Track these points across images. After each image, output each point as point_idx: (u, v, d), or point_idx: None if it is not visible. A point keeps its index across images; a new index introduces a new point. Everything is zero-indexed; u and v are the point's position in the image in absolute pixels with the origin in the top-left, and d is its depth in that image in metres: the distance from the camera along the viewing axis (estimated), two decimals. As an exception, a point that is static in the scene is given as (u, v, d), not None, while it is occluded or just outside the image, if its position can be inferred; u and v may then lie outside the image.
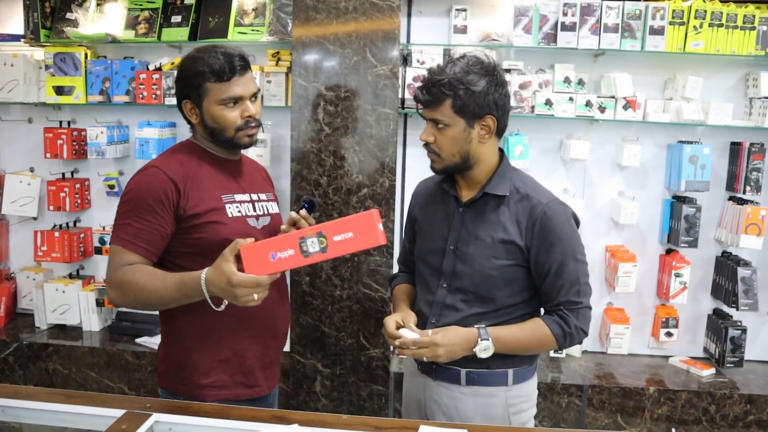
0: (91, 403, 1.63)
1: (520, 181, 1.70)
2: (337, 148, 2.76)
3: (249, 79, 1.71)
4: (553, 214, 1.64)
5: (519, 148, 2.91)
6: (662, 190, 3.05)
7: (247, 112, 1.70)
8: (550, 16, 2.85)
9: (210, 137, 1.74)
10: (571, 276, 1.64)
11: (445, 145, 1.63)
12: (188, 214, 1.65)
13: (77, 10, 3.16)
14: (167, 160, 1.72)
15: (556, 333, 1.64)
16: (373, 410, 2.85)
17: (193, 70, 1.68)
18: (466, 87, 1.57)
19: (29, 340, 3.13)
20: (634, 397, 2.77)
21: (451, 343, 1.60)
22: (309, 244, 1.43)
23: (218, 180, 1.74)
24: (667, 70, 2.96)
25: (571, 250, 1.64)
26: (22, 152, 3.41)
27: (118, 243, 1.63)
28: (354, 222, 1.43)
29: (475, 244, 1.67)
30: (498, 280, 1.66)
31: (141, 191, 1.65)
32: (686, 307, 3.05)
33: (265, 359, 1.81)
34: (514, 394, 1.71)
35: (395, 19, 2.69)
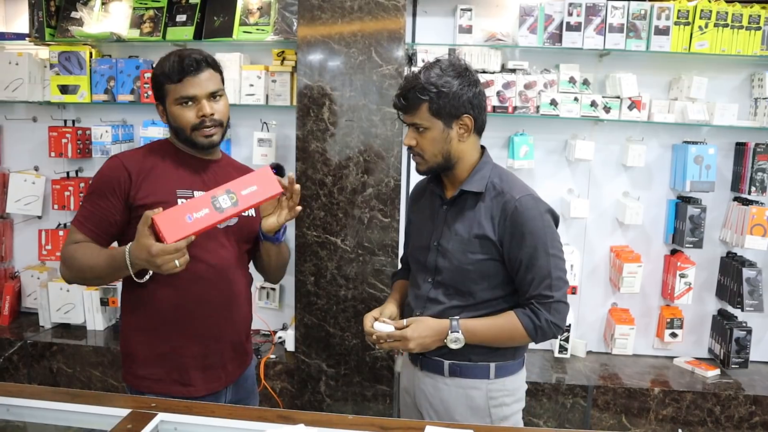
0: (96, 403, 1.63)
1: (497, 178, 1.75)
2: (342, 148, 2.76)
3: (206, 78, 1.74)
4: (524, 208, 1.68)
5: (524, 148, 2.91)
6: (667, 190, 3.05)
7: (201, 112, 1.73)
8: (555, 16, 2.85)
9: (176, 137, 1.80)
10: (542, 270, 1.67)
11: (426, 147, 1.70)
12: (137, 204, 1.70)
13: (82, 9, 3.16)
14: (132, 151, 1.82)
15: (526, 326, 1.68)
16: (377, 410, 2.85)
17: (156, 73, 1.76)
18: (440, 90, 1.65)
19: (33, 339, 3.14)
20: (639, 397, 2.76)
21: (420, 336, 1.69)
22: (221, 200, 1.57)
23: (178, 175, 1.77)
24: (673, 70, 2.95)
25: (542, 243, 1.67)
26: (27, 151, 3.41)
27: (73, 223, 1.76)
28: (255, 176, 1.64)
29: (454, 240, 1.74)
30: (474, 274, 1.72)
31: (98, 178, 1.75)
32: (691, 308, 3.04)
33: (205, 361, 1.79)
34: (495, 387, 1.75)
35: (400, 18, 2.69)
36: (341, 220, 2.79)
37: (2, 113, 3.41)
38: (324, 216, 2.80)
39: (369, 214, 2.77)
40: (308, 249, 2.82)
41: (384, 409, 2.86)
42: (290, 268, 3.01)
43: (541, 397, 2.80)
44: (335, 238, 2.80)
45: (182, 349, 1.77)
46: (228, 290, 1.81)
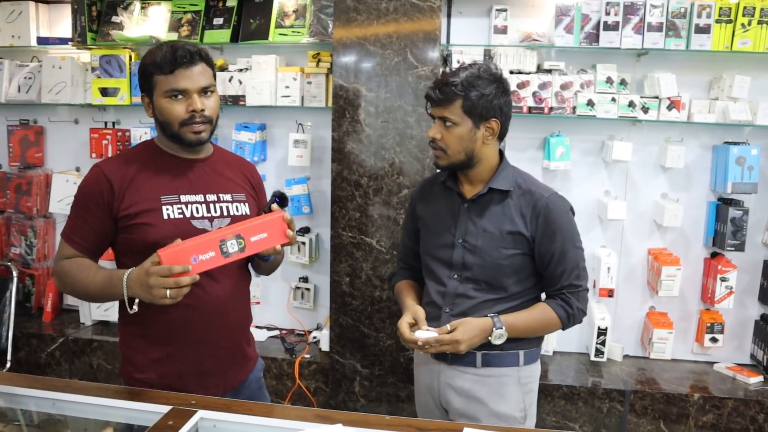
0: (137, 399, 1.66)
1: (520, 178, 1.83)
2: (377, 149, 2.77)
3: (198, 72, 1.67)
4: (554, 206, 1.78)
5: (560, 149, 2.88)
6: (707, 192, 2.98)
7: (191, 106, 1.65)
8: (592, 16, 2.81)
9: (162, 132, 1.73)
10: (572, 262, 1.79)
11: (451, 142, 1.75)
12: (121, 214, 1.66)
13: (122, 13, 3.23)
14: (114, 158, 1.77)
15: (561, 315, 1.79)
16: (411, 411, 2.84)
17: (145, 63, 1.68)
18: (477, 90, 1.71)
19: (74, 336, 3.21)
20: (677, 403, 2.71)
21: (470, 337, 1.72)
22: (229, 245, 1.55)
23: (163, 180, 1.71)
24: (713, 69, 2.89)
25: (570, 238, 1.79)
26: (69, 152, 3.50)
27: (62, 236, 1.74)
28: (268, 224, 1.62)
29: (484, 237, 1.79)
30: (507, 269, 1.79)
31: (82, 189, 1.71)
32: (732, 312, 2.97)
33: (200, 367, 1.75)
34: (524, 374, 1.84)
35: (436, 19, 2.69)
36: (376, 221, 2.80)
37: (46, 115, 3.50)
38: (359, 217, 2.81)
39: (404, 215, 2.77)
40: (343, 250, 2.84)
41: (417, 411, 2.86)
42: (325, 269, 3.05)
43: (577, 401, 2.76)
44: (370, 239, 2.81)
45: (176, 356, 1.73)
46: (222, 295, 1.75)
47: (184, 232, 1.65)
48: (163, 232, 1.65)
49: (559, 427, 2.77)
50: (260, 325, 3.37)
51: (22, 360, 3.23)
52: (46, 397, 1.69)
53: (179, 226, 1.68)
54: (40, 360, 3.23)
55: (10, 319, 3.06)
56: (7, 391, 1.70)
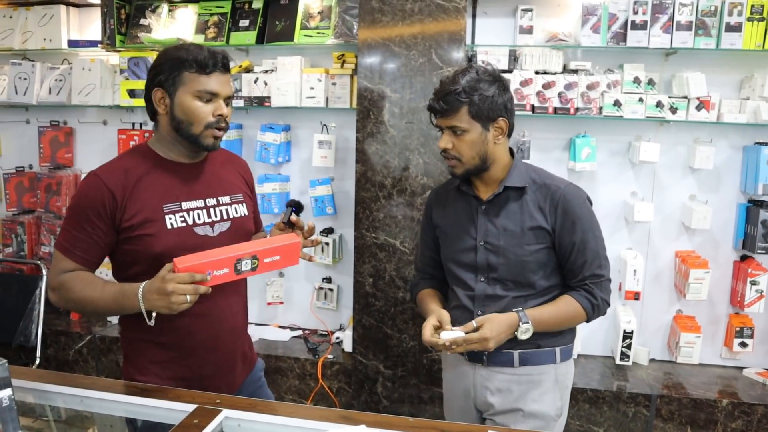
0: (164, 397, 1.68)
1: (534, 173, 1.84)
2: (401, 150, 2.77)
3: (228, 80, 1.69)
4: (572, 196, 1.78)
5: (586, 150, 2.85)
6: (737, 193, 2.93)
7: (219, 111, 1.66)
8: (620, 15, 2.78)
9: (175, 132, 1.68)
10: (592, 251, 1.78)
11: (464, 149, 1.75)
12: (124, 225, 1.63)
13: (150, 16, 3.28)
14: (111, 166, 1.68)
15: (585, 307, 1.78)
16: (434, 413, 2.84)
17: (174, 57, 1.64)
18: (480, 93, 1.71)
19: (101, 334, 3.26)
20: (705, 409, 2.67)
21: (497, 333, 1.71)
22: (243, 264, 1.57)
23: (163, 188, 1.68)
24: (744, 68, 2.84)
25: (590, 227, 1.79)
26: (97, 153, 3.55)
27: (58, 248, 1.67)
28: (283, 249, 1.64)
29: (505, 236, 1.79)
30: (533, 265, 1.78)
31: (80, 200, 1.64)
32: (763, 317, 2.91)
33: (201, 371, 1.76)
34: (561, 371, 1.84)
35: (461, 20, 2.68)
36: (400, 222, 2.80)
37: (75, 117, 3.57)
38: (383, 218, 2.81)
39: (427, 217, 2.77)
40: (367, 251, 2.84)
41: (440, 412, 2.84)
42: (348, 270, 3.06)
43: (602, 405, 2.73)
44: (394, 240, 2.81)
45: (179, 360, 1.73)
46: (224, 302, 1.76)
47: (187, 240, 1.67)
48: (167, 243, 1.64)
49: (583, 431, 2.75)
50: (283, 325, 3.39)
51: (51, 357, 3.30)
52: (74, 394, 1.72)
53: (182, 235, 1.67)
54: (68, 357, 3.28)
55: (40, 317, 3.13)
56: (37, 388, 1.73)
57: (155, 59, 1.70)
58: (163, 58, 1.67)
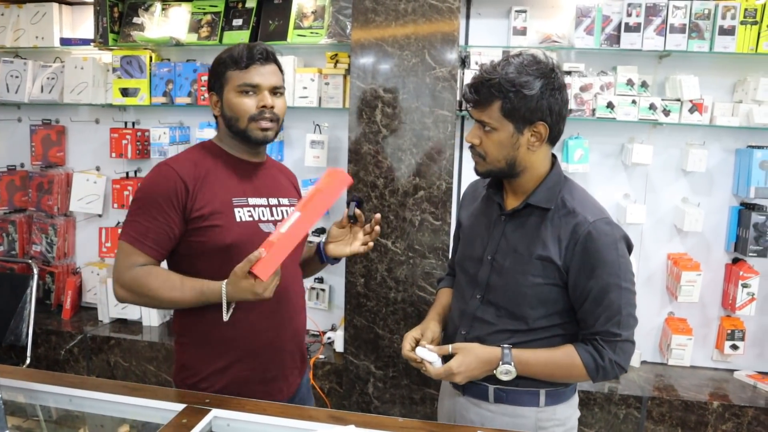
0: (153, 396, 1.67)
1: (569, 194, 1.57)
2: (394, 150, 2.76)
3: (270, 71, 1.70)
4: (598, 234, 1.49)
5: (579, 152, 2.85)
6: (729, 196, 2.93)
7: (262, 102, 1.67)
8: (614, 17, 2.78)
9: (228, 129, 1.72)
10: (613, 305, 1.50)
11: (490, 149, 1.53)
12: (194, 215, 1.62)
13: (143, 14, 3.27)
14: (181, 158, 1.71)
15: (587, 364, 1.52)
16: (425, 414, 2.84)
17: (219, 60, 1.71)
18: (518, 90, 1.45)
19: (93, 333, 3.25)
20: (696, 411, 2.67)
21: (468, 369, 1.54)
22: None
23: (232, 182, 1.70)
24: (738, 71, 2.84)
25: (615, 276, 1.49)
26: (89, 152, 3.54)
27: (126, 240, 1.62)
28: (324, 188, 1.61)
29: (512, 258, 1.57)
30: (531, 299, 1.55)
31: (151, 189, 1.64)
32: (754, 319, 2.92)
33: (265, 374, 1.75)
34: (545, 416, 1.60)
35: (454, 21, 2.68)
36: (392, 222, 2.79)
37: (67, 115, 3.55)
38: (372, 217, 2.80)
39: (420, 217, 2.76)
40: (358, 251, 2.83)
41: (432, 413, 2.85)
42: (340, 270, 3.05)
43: (593, 407, 2.73)
44: (386, 240, 2.80)
45: (242, 363, 1.72)
46: (288, 301, 1.76)
47: (254, 235, 1.67)
48: (235, 235, 1.65)
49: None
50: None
51: (42, 356, 3.28)
52: (63, 394, 1.71)
53: (249, 229, 1.68)
54: (59, 357, 3.27)
55: (30, 316, 3.11)
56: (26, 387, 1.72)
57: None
58: (213, 64, 1.73)
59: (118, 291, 1.64)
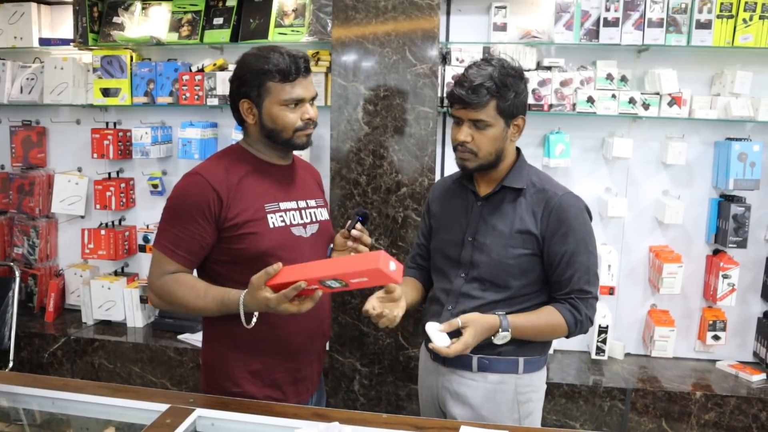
0: (136, 397, 1.67)
1: (535, 176, 1.79)
2: (376, 148, 2.77)
3: (310, 81, 1.70)
4: (567, 205, 1.72)
5: (560, 147, 2.87)
6: (709, 188, 2.97)
7: (307, 114, 1.67)
8: (592, 12, 2.80)
9: (266, 138, 1.71)
10: (583, 266, 1.71)
11: (484, 144, 1.70)
12: (229, 224, 1.64)
13: (123, 14, 3.24)
14: (212, 166, 1.69)
15: (568, 321, 1.71)
16: (411, 410, 2.85)
17: (256, 68, 1.64)
18: (509, 90, 1.67)
19: (76, 335, 3.22)
20: (679, 402, 2.70)
21: (476, 340, 1.64)
22: (330, 283, 1.48)
23: (263, 188, 1.71)
24: (715, 65, 2.87)
25: (583, 240, 1.72)
26: (71, 152, 3.51)
27: (159, 249, 1.66)
28: (367, 273, 1.43)
29: (493, 235, 1.75)
30: (514, 269, 1.73)
31: (184, 199, 1.65)
32: (735, 310, 2.95)
33: (296, 374, 1.78)
34: (523, 382, 1.77)
35: (435, 17, 2.68)
36: (375, 219, 2.80)
37: (48, 116, 3.52)
38: (358, 215, 2.80)
39: (403, 214, 2.77)
40: (343, 248, 2.84)
41: (418, 409, 2.85)
42: (325, 268, 3.05)
43: (578, 399, 2.75)
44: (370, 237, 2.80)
45: (276, 366, 1.74)
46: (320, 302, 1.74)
47: (286, 240, 1.69)
48: (270, 241, 1.66)
49: (560, 426, 2.76)
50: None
51: (25, 360, 3.25)
52: (45, 396, 1.70)
53: (282, 235, 1.70)
54: (42, 360, 3.24)
55: (13, 319, 3.08)
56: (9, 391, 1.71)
57: (236, 68, 1.70)
58: (245, 69, 1.67)
59: (152, 297, 1.70)
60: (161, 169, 3.40)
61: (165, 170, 3.40)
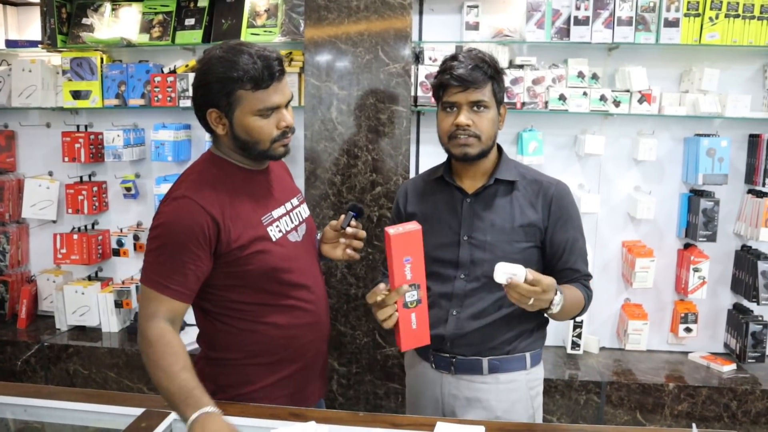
0: (110, 402, 1.65)
1: (522, 168, 1.78)
2: (350, 147, 2.77)
3: (285, 84, 1.53)
4: (565, 193, 1.73)
5: (533, 144, 2.90)
6: (679, 184, 3.02)
7: (284, 122, 1.53)
8: (563, 11, 2.83)
9: (240, 150, 1.57)
10: (582, 250, 1.75)
11: (486, 126, 1.65)
12: (233, 247, 1.51)
13: (93, 15, 3.20)
14: (198, 187, 1.53)
15: (585, 298, 1.72)
16: (389, 408, 2.85)
17: (223, 75, 1.46)
18: (500, 73, 1.68)
19: (50, 342, 3.17)
20: (653, 393, 2.74)
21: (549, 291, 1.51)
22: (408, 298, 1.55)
23: (254, 200, 1.59)
24: (683, 62, 2.92)
25: (578, 226, 1.75)
26: (41, 156, 3.46)
27: (148, 284, 1.49)
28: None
29: (493, 231, 1.69)
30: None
31: (174, 226, 1.48)
32: (705, 302, 3.01)
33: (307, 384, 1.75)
34: (531, 377, 1.77)
35: (407, 17, 2.69)
36: (351, 219, 2.79)
37: (17, 119, 3.46)
38: (333, 215, 2.80)
39: (378, 213, 2.78)
40: (319, 248, 2.83)
41: (396, 407, 2.87)
42: (302, 268, 3.04)
43: (554, 394, 2.78)
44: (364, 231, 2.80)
45: (291, 377, 1.69)
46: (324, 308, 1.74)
47: (287, 250, 1.62)
48: (277, 256, 1.59)
49: (537, 420, 2.79)
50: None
51: (-3, 367, 3.20)
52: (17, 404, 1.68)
53: (283, 244, 1.62)
54: (15, 368, 3.18)
55: (-17, 327, 3.03)
56: (-21, 400, 1.68)
57: (199, 74, 1.51)
58: (210, 76, 1.48)
59: (139, 340, 1.52)
60: (134, 172, 3.36)
61: (138, 173, 3.36)
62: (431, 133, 1.73)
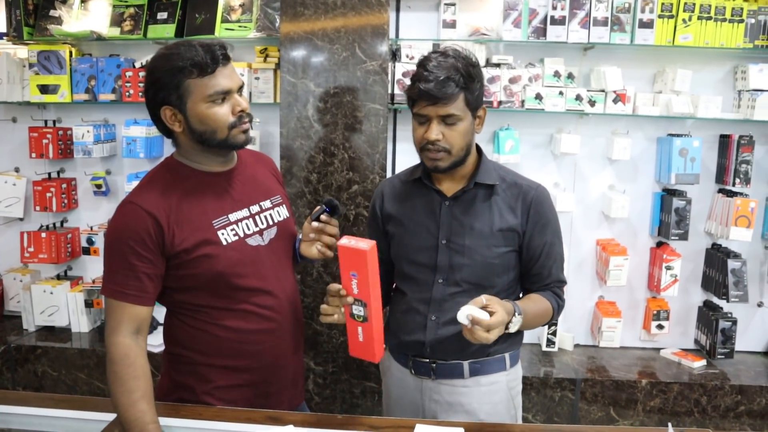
0: (82, 408, 1.62)
1: (502, 170, 1.75)
2: (326, 145, 2.74)
3: (233, 70, 1.54)
4: (544, 198, 1.71)
5: (509, 143, 2.90)
6: (652, 183, 3.06)
7: (238, 107, 1.53)
8: (540, 10, 2.84)
9: (200, 144, 1.56)
10: (559, 256, 1.74)
11: (456, 140, 1.61)
12: (177, 250, 1.51)
13: (61, 7, 3.11)
14: (145, 190, 1.55)
15: (554, 307, 1.71)
16: (366, 408, 2.84)
17: (169, 67, 1.48)
18: (475, 81, 1.60)
19: (17, 343, 3.09)
20: (626, 389, 2.78)
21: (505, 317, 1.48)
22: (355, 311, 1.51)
23: (207, 203, 1.57)
24: (657, 63, 2.96)
25: (556, 231, 1.74)
26: (7, 152, 3.36)
27: (107, 294, 1.50)
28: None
29: (472, 236, 1.67)
30: (498, 268, 1.68)
31: (120, 232, 1.50)
32: (677, 300, 3.06)
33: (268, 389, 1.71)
34: (511, 377, 1.77)
35: (384, 14, 2.68)
36: (327, 217, 2.77)
37: (-19, 114, 3.36)
38: (309, 214, 2.77)
39: (355, 211, 2.76)
40: (295, 247, 2.81)
41: (372, 406, 2.86)
42: (277, 267, 3.01)
43: (530, 391, 2.80)
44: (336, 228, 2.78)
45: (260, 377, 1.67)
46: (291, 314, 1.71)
47: (244, 254, 1.59)
48: (226, 260, 1.56)
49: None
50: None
51: (-38, 370, 3.11)
52: (-17, 411, 1.63)
53: (237, 249, 1.58)
54: (-20, 369, 3.10)
55: (-53, 328, 2.94)
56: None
57: (147, 74, 1.53)
58: (157, 72, 1.51)
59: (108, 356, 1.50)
60: (105, 169, 3.29)
61: (109, 170, 3.29)
62: (408, 131, 1.71)
